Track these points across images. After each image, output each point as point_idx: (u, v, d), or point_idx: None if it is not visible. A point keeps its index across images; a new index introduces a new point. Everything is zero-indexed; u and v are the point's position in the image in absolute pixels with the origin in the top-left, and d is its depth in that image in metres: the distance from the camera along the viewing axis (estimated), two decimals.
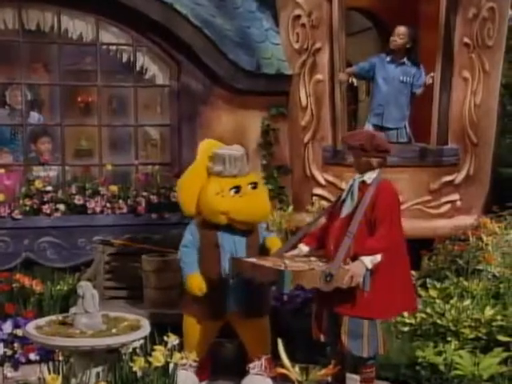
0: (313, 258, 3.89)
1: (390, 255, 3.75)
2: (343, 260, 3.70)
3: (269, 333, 4.21)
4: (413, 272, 4.95)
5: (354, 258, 3.72)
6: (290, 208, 6.10)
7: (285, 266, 3.55)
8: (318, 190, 6.22)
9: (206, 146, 4.26)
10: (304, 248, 3.98)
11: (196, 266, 4.11)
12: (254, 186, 4.11)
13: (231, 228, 4.08)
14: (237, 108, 6.39)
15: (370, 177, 3.82)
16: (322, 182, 6.22)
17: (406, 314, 4.51)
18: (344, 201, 3.88)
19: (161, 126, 6.62)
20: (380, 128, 5.98)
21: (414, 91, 6.03)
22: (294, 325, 4.66)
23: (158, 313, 4.99)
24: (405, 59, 6.01)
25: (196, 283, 4.08)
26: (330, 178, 6.16)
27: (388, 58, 6.01)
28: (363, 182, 3.83)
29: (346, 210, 3.84)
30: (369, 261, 3.68)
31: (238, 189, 4.03)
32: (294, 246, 3.98)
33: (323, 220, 4.06)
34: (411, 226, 5.32)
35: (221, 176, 4.05)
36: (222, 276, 4.05)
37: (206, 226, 4.09)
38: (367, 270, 3.71)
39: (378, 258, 3.70)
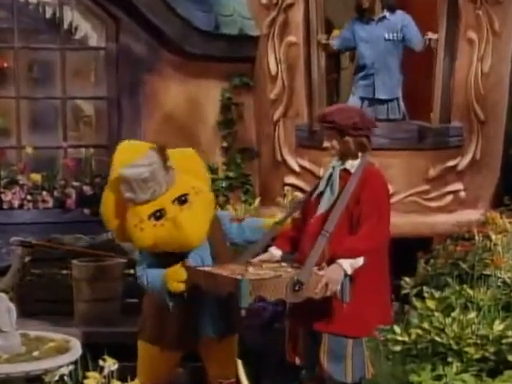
0: (284, 264, 3.93)
1: (377, 258, 3.80)
2: (318, 264, 3.75)
3: (236, 353, 4.28)
4: (406, 279, 5.16)
5: (332, 262, 3.75)
6: (257, 201, 6.15)
7: (242, 274, 3.58)
8: (290, 179, 6.30)
9: (121, 151, 4.13)
10: (276, 252, 4.02)
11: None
12: (184, 199, 4.01)
13: None
14: (190, 77, 6.45)
15: (352, 164, 3.87)
16: (296, 168, 6.29)
17: (397, 329, 4.46)
18: (322, 193, 3.93)
19: (95, 99, 6.65)
20: (370, 101, 6.09)
21: (411, 46, 6.09)
22: (260, 343, 4.76)
23: (92, 331, 5.03)
24: (385, 12, 6.10)
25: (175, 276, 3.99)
26: (306, 164, 6.23)
27: (364, 19, 6.11)
28: (345, 170, 3.87)
29: (324, 205, 3.87)
30: (348, 264, 3.71)
31: (160, 213, 3.96)
32: (264, 250, 4.02)
33: (297, 216, 4.10)
34: (404, 221, 5.48)
35: (135, 204, 3.98)
36: (194, 294, 4.02)
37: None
38: (346, 275, 3.73)
39: (360, 261, 3.73)
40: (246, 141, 6.55)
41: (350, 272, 3.72)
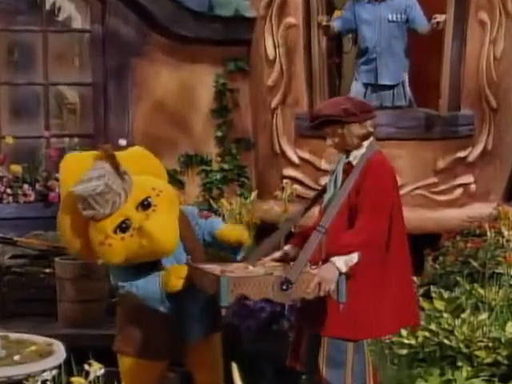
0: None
1: (380, 252, 3.80)
2: (316, 263, 3.72)
3: (220, 353, 4.25)
4: (413, 278, 4.93)
5: (327, 260, 3.74)
6: (254, 194, 6.15)
7: (222, 271, 3.58)
8: (289, 171, 6.30)
9: (66, 172, 4.05)
10: (290, 251, 4.01)
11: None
12: (147, 203, 3.93)
13: None
14: (182, 62, 6.46)
15: (355, 155, 3.86)
16: (295, 160, 6.30)
17: (404, 331, 4.41)
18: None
19: (80, 86, 6.64)
20: (374, 87, 6.09)
21: (416, 29, 6.08)
22: (256, 347, 4.75)
23: (77, 334, 5.09)
24: None
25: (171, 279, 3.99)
26: (306, 156, 6.24)
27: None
28: (349, 163, 3.87)
29: (325, 200, 3.91)
30: (342, 262, 3.69)
31: (125, 223, 3.89)
32: (276, 248, 4.03)
33: (315, 212, 4.05)
34: (411, 216, 5.27)
35: (96, 220, 3.91)
36: (181, 294, 4.03)
37: None
38: (341, 274, 3.70)
39: (355, 257, 3.70)
40: (241, 130, 6.55)
41: (344, 270, 3.69)
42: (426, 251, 5.69)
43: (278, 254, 3.98)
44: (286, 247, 4.01)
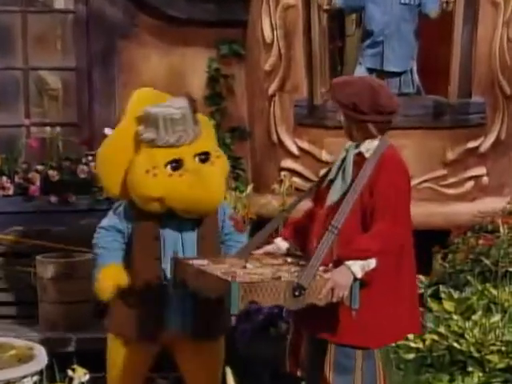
0: (290, 259, 3.92)
1: (395, 257, 3.80)
2: (325, 265, 3.70)
3: (222, 362, 4.31)
4: (421, 276, 5.15)
5: (339, 263, 3.72)
6: (249, 188, 6.14)
7: (233, 276, 3.56)
8: (288, 163, 6.27)
9: (139, 98, 4.27)
10: (282, 244, 4.02)
11: (116, 256, 4.20)
12: (205, 157, 4.14)
13: (176, 214, 4.15)
14: (172, 45, 6.43)
15: (368, 147, 3.82)
16: (295, 150, 6.27)
17: (410, 335, 4.55)
18: (333, 181, 3.88)
19: (63, 71, 6.63)
20: (379, 73, 6.06)
21: (426, 13, 6.08)
22: (252, 351, 4.76)
23: (60, 337, 5.08)
24: None
25: (107, 280, 4.13)
26: (306, 146, 6.20)
27: None
28: (359, 155, 3.83)
29: (334, 195, 3.85)
30: (358, 267, 3.67)
31: (177, 163, 4.08)
32: (267, 241, 4.03)
33: (308, 204, 4.06)
34: (418, 211, 5.22)
35: (154, 146, 4.09)
36: (160, 281, 4.17)
37: (141, 210, 4.17)
38: (356, 279, 3.68)
39: (373, 263, 3.69)
40: (236, 118, 6.53)
41: (360, 275, 3.68)
42: (434, 249, 5.70)
43: (269, 248, 3.99)
44: (277, 240, 4.03)
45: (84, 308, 5.37)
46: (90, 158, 6.04)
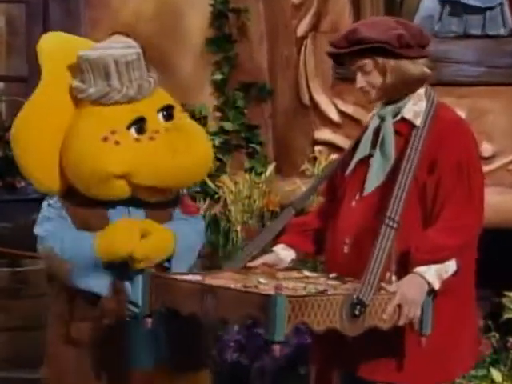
0: (308, 273, 3.71)
1: (467, 261, 3.49)
2: (382, 276, 3.46)
3: None
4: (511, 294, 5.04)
5: (402, 270, 3.50)
6: (270, 168, 5.85)
7: (277, 287, 3.25)
8: (325, 133, 5.91)
9: (52, 45, 3.95)
10: (284, 253, 3.77)
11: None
12: (169, 113, 3.97)
13: (129, 202, 3.93)
14: None
15: (415, 109, 3.57)
16: (334, 116, 5.92)
17: (498, 376, 4.39)
18: (367, 159, 3.59)
19: (8, 3, 6.31)
20: (454, 5, 5.59)
21: None
22: None
23: (8, 377, 4.91)
24: None
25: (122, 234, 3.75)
26: (350, 110, 5.84)
27: None
28: (403, 121, 3.54)
29: (374, 178, 3.56)
30: (434, 273, 3.42)
31: (141, 124, 3.88)
32: (265, 250, 3.83)
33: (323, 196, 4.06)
34: (503, 203, 5.11)
35: (105, 104, 3.86)
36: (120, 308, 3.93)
37: (81, 203, 3.94)
38: (432, 291, 3.46)
39: (452, 266, 3.44)
40: (251, 71, 6.19)
41: (438, 286, 3.43)
42: None
43: (270, 258, 3.71)
44: (278, 248, 3.73)
45: (39, 335, 4.98)
46: None
